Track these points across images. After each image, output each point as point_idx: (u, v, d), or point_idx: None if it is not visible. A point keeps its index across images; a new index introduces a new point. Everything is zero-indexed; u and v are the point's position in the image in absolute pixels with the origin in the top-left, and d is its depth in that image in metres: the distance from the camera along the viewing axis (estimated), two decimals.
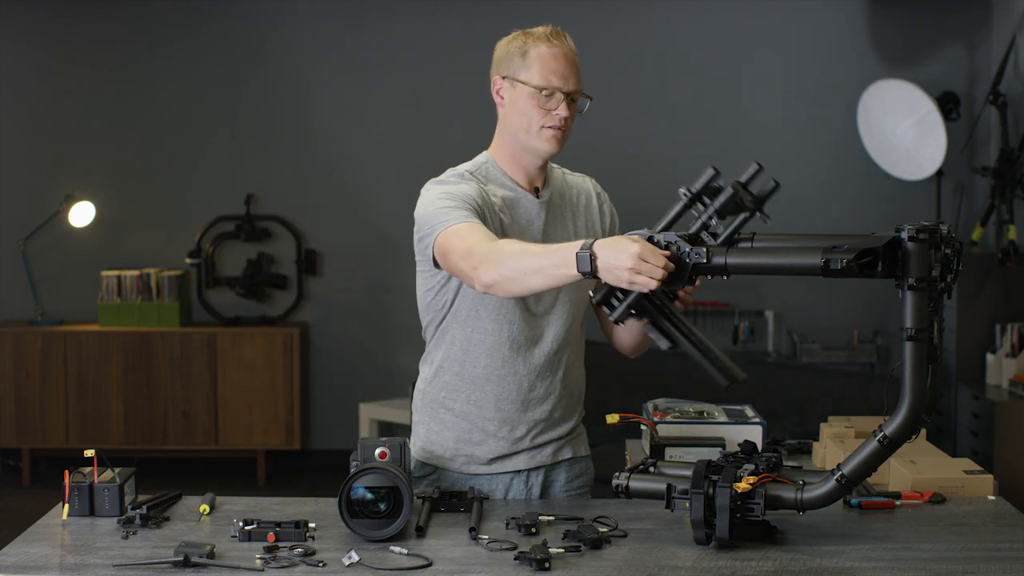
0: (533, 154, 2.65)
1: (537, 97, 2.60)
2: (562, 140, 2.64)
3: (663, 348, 2.41)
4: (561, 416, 2.72)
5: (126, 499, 2.51)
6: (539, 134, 2.62)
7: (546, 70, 2.61)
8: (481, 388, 2.66)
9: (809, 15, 6.55)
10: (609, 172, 3.35)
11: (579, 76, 2.65)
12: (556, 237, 2.65)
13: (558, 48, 2.63)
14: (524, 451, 2.69)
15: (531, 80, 2.60)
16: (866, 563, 2.19)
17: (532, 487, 2.70)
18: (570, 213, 2.72)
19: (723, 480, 2.25)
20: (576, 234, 2.69)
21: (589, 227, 2.73)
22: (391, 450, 2.44)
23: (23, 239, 6.64)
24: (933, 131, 5.83)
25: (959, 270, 2.20)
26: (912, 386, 2.17)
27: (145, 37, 6.66)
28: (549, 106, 2.61)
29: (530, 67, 2.61)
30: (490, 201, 2.59)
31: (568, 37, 2.68)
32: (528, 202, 2.67)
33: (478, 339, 2.64)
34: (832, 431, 2.98)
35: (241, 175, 6.71)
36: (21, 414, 6.35)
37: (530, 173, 2.68)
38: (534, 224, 2.66)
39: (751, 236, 2.30)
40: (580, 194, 2.76)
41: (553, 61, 2.61)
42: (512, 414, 2.66)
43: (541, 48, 2.62)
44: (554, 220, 2.69)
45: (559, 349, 2.67)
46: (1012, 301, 5.69)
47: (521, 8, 6.46)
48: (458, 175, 2.63)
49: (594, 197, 2.77)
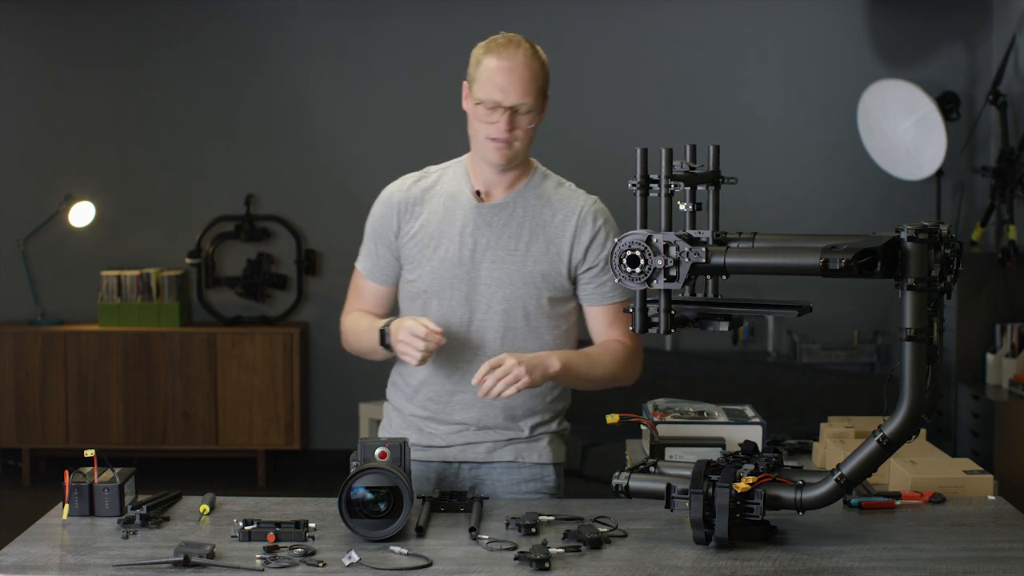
0: (486, 163, 2.71)
1: (481, 109, 2.64)
2: (507, 153, 2.67)
3: (725, 330, 2.38)
4: (501, 423, 2.77)
5: (126, 499, 2.51)
6: (484, 145, 2.68)
7: (489, 83, 2.64)
8: (418, 391, 2.79)
9: (809, 15, 6.55)
10: (609, 172, 3.35)
11: (527, 89, 2.64)
12: (495, 245, 2.70)
13: (506, 61, 2.63)
14: (454, 446, 2.78)
15: (476, 92, 2.66)
16: (866, 563, 2.19)
17: (463, 481, 2.78)
18: (530, 226, 2.72)
19: (723, 480, 2.25)
20: (529, 246, 2.72)
21: (551, 244, 2.72)
22: (391, 450, 2.45)
23: (23, 239, 6.64)
24: (933, 131, 5.83)
25: (959, 270, 2.21)
26: (912, 386, 2.17)
27: (145, 37, 6.66)
28: (491, 119, 2.65)
29: (479, 78, 2.66)
30: (392, 230, 2.76)
31: (528, 47, 2.66)
32: (467, 205, 2.73)
33: None
34: (832, 431, 2.98)
35: (241, 175, 6.71)
36: (21, 414, 6.35)
37: (486, 179, 2.74)
38: (467, 227, 2.72)
39: (752, 236, 2.30)
40: (559, 211, 2.74)
41: (498, 75, 2.63)
42: (439, 415, 2.77)
43: (490, 60, 2.65)
44: (500, 227, 2.71)
45: (493, 356, 2.70)
46: (1012, 301, 5.69)
47: (521, 8, 6.47)
48: (414, 178, 2.80)
49: (574, 218, 2.74)
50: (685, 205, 2.34)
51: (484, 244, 2.70)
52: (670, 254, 2.24)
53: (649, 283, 2.26)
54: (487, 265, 2.70)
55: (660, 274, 2.25)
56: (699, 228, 2.32)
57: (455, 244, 2.71)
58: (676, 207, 2.31)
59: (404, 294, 2.82)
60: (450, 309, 2.73)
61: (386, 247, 2.79)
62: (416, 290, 2.77)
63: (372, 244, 2.82)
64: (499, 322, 2.72)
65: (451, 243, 2.71)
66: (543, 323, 2.74)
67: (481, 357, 2.70)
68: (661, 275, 2.25)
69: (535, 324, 2.74)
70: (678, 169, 2.30)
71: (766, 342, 6.47)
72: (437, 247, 2.72)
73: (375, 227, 2.81)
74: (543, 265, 2.71)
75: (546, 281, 2.72)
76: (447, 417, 2.77)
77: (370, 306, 2.85)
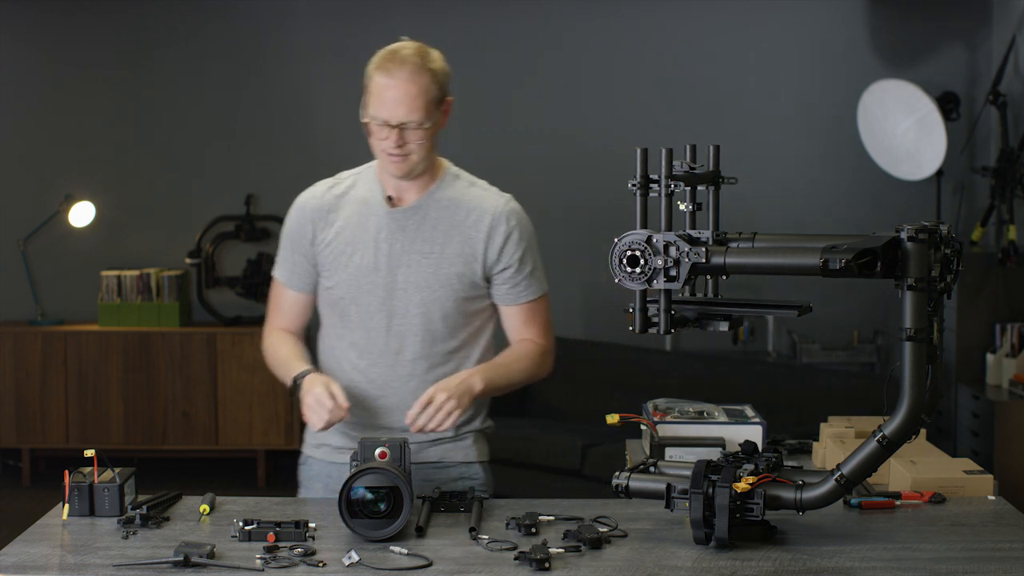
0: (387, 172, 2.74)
1: (372, 125, 2.67)
2: (404, 166, 2.69)
3: (725, 330, 2.38)
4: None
5: (126, 499, 2.51)
6: (381, 157, 2.71)
7: (376, 101, 2.65)
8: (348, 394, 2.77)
9: (809, 15, 6.55)
10: (609, 172, 3.35)
11: (412, 107, 2.63)
12: (410, 248, 2.72)
13: (391, 79, 2.64)
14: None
15: (367, 107, 2.67)
16: (866, 563, 2.19)
17: None
18: (443, 227, 2.74)
19: (723, 480, 2.25)
20: (444, 248, 2.73)
21: (465, 245, 2.74)
22: (391, 450, 2.45)
23: (23, 239, 6.64)
24: (933, 131, 5.83)
25: (959, 270, 2.21)
26: (911, 386, 2.17)
27: (145, 37, 6.66)
28: (381, 135, 2.67)
29: (369, 94, 2.67)
30: (307, 237, 2.78)
31: (415, 61, 2.65)
32: (380, 211, 2.74)
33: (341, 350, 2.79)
34: (832, 431, 2.98)
35: (241, 175, 6.71)
36: (21, 414, 6.35)
37: (397, 184, 2.75)
38: (381, 232, 2.73)
39: (752, 236, 2.30)
40: (472, 212, 2.76)
41: (384, 92, 2.64)
42: (363, 419, 2.76)
43: (379, 78, 2.65)
44: (414, 231, 2.73)
45: (414, 359, 2.73)
46: (1012, 301, 5.69)
47: (521, 8, 6.47)
48: (327, 185, 2.84)
49: (488, 218, 2.75)
50: (685, 205, 2.34)
51: (399, 249, 2.72)
52: (670, 254, 2.24)
53: (649, 283, 2.26)
54: (403, 270, 2.72)
55: (660, 274, 2.25)
56: (699, 228, 2.32)
57: (370, 250, 2.72)
58: (676, 207, 2.31)
59: (323, 301, 2.82)
60: (368, 314, 2.73)
61: (302, 255, 2.80)
62: (334, 297, 2.77)
63: (289, 252, 2.83)
64: (418, 325, 2.73)
65: (366, 249, 2.72)
66: (460, 322, 2.77)
67: (402, 360, 2.73)
68: (661, 275, 2.25)
69: (452, 324, 2.75)
70: (678, 169, 2.30)
71: (766, 342, 6.47)
72: (353, 254, 2.73)
73: (291, 235, 2.83)
74: (458, 266, 2.73)
75: (462, 282, 2.74)
76: (372, 422, 2.76)
77: (291, 316, 2.85)
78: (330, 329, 2.83)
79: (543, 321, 2.86)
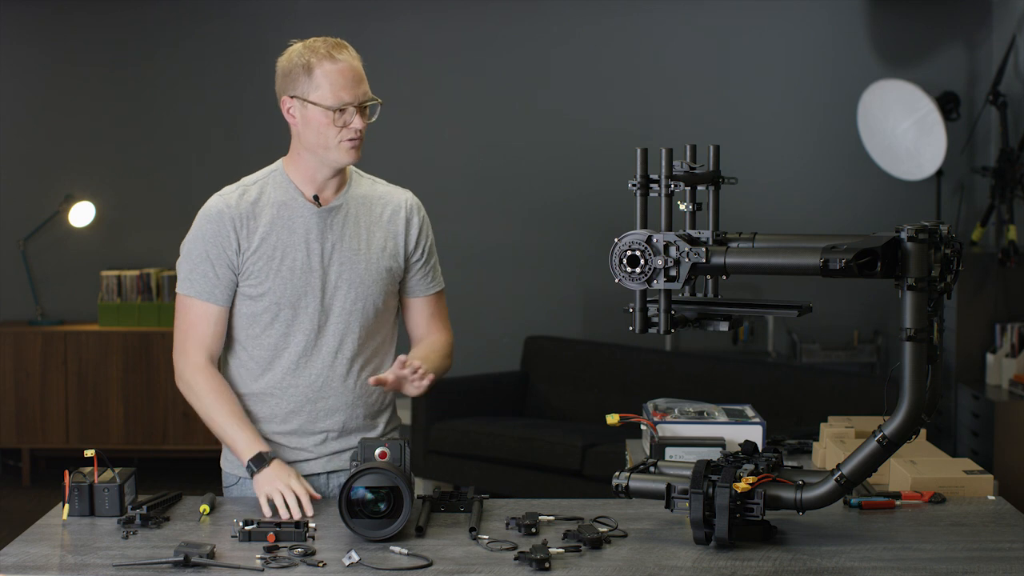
0: (332, 167, 2.72)
1: (331, 115, 2.65)
2: (360, 148, 2.70)
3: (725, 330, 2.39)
4: (362, 424, 2.77)
5: (126, 499, 2.51)
6: (338, 148, 2.68)
7: (335, 87, 2.64)
8: (273, 398, 2.74)
9: (809, 15, 6.54)
10: (608, 172, 3.35)
11: (366, 83, 2.69)
12: (340, 246, 2.71)
13: (343, 62, 2.65)
14: (322, 457, 2.75)
15: (323, 100, 2.65)
16: (866, 563, 2.19)
17: (333, 490, 2.73)
18: (365, 223, 2.75)
19: (723, 480, 2.25)
20: (370, 244, 2.73)
21: (389, 239, 2.76)
22: (391, 450, 2.45)
23: (23, 239, 6.64)
24: (933, 131, 5.83)
25: (959, 270, 2.21)
26: (911, 386, 2.17)
27: (145, 37, 6.66)
28: (343, 122, 2.66)
29: (319, 86, 2.65)
30: (231, 247, 2.67)
31: (342, 44, 2.69)
32: (306, 212, 2.72)
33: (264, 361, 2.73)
34: (832, 431, 2.98)
35: (241, 175, 6.67)
36: (21, 414, 6.35)
37: (319, 183, 2.74)
38: (311, 232, 2.71)
39: (752, 236, 2.30)
40: (387, 206, 2.79)
41: (340, 76, 2.64)
42: (303, 425, 2.73)
43: (326, 65, 2.65)
44: (340, 229, 2.72)
45: (352, 356, 2.72)
46: (1012, 301, 5.69)
47: (521, 8, 6.47)
48: (237, 193, 2.75)
49: (403, 211, 2.79)
50: (685, 205, 2.35)
51: (330, 247, 2.71)
52: (670, 254, 2.24)
53: (649, 283, 2.26)
54: (336, 267, 2.71)
55: (660, 274, 2.25)
56: (699, 228, 2.32)
57: (302, 251, 2.69)
58: (676, 207, 2.31)
59: (243, 312, 2.71)
60: (307, 316, 2.70)
61: (225, 266, 2.69)
62: (262, 306, 2.69)
63: (207, 265, 2.68)
64: (355, 322, 2.72)
65: (298, 251, 2.69)
66: (385, 318, 2.79)
67: (341, 359, 2.72)
68: (661, 275, 2.25)
69: (381, 319, 2.77)
70: (678, 169, 2.30)
71: (766, 342, 6.47)
72: (284, 258, 2.68)
73: (210, 247, 2.68)
74: (387, 260, 2.75)
75: (390, 275, 2.76)
76: (311, 427, 2.73)
77: (211, 335, 2.72)
78: (249, 341, 2.72)
79: (446, 314, 2.90)
